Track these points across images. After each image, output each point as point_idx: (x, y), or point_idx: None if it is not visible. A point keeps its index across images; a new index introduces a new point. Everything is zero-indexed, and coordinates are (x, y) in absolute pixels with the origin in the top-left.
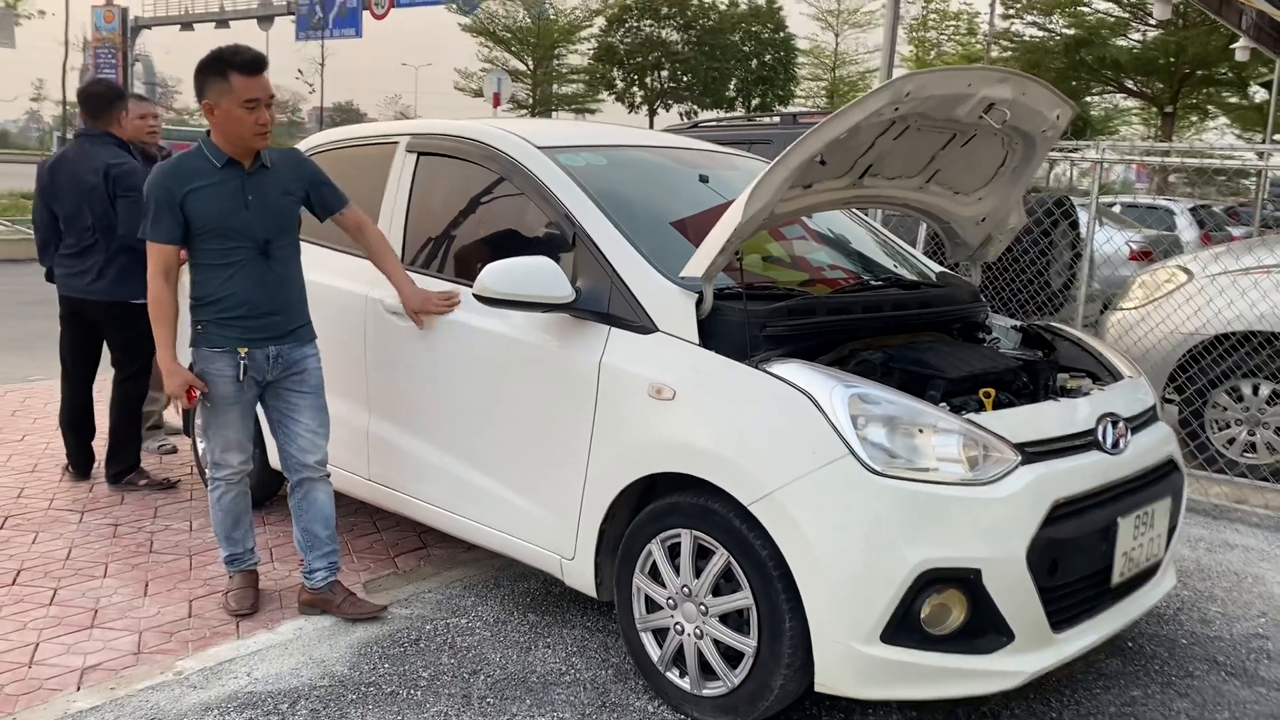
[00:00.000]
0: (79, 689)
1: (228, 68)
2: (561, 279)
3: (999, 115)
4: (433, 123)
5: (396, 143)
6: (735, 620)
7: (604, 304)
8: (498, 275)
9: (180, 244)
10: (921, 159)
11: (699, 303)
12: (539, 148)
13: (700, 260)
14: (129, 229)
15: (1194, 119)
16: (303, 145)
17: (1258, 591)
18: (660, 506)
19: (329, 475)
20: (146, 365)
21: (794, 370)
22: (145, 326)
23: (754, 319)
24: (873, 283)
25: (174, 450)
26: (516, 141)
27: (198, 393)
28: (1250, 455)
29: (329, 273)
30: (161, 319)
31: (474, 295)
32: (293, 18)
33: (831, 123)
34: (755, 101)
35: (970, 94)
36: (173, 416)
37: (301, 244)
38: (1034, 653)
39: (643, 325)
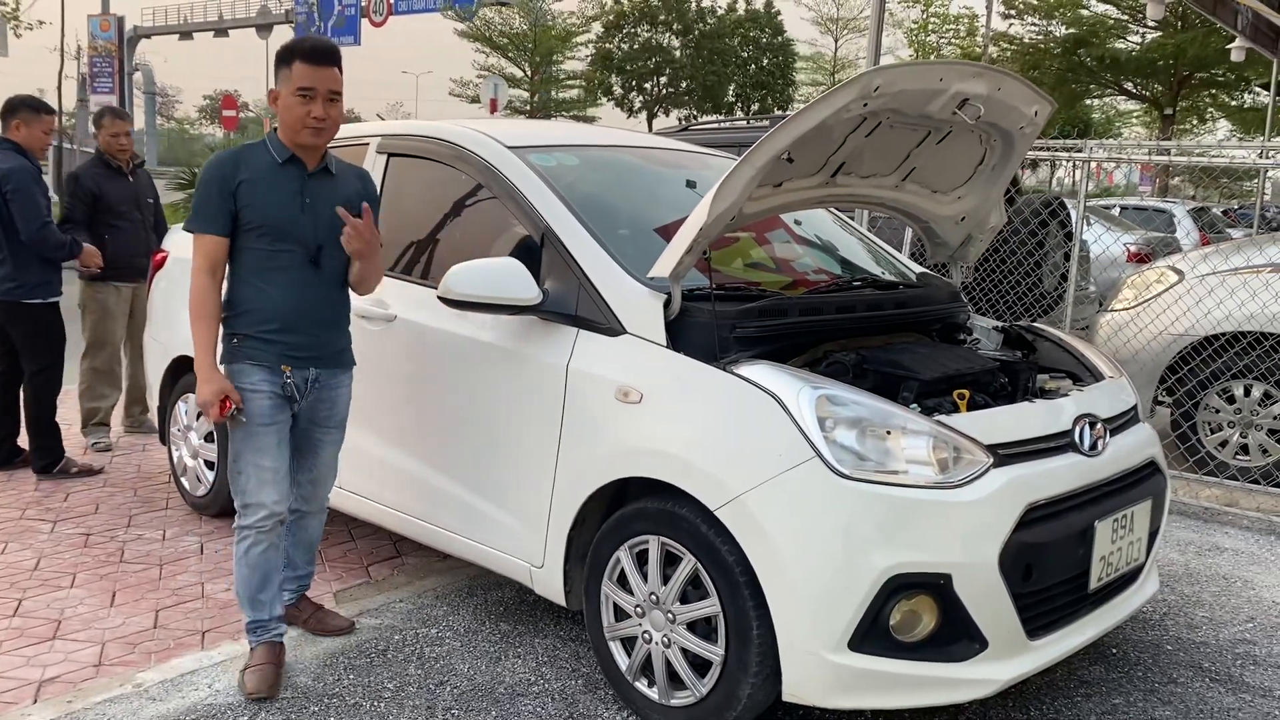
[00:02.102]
0: (35, 702)
1: (293, 54)
2: (528, 280)
3: (973, 111)
4: (403, 124)
5: (367, 144)
6: (703, 628)
7: (572, 306)
8: (462, 277)
9: (229, 236)
10: (896, 157)
11: (667, 304)
12: (509, 147)
13: (667, 260)
14: (25, 229)
15: (1194, 121)
16: None
17: (1246, 596)
18: (628, 512)
19: (327, 507)
20: (56, 361)
21: (761, 372)
22: (44, 324)
23: (723, 320)
24: (851, 283)
25: (109, 448)
26: (486, 141)
27: (232, 406)
28: (1243, 458)
29: None
30: (202, 318)
31: (438, 298)
32: (291, 26)
33: (798, 119)
34: (755, 106)
35: (942, 89)
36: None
37: None
38: (1009, 660)
39: (610, 327)
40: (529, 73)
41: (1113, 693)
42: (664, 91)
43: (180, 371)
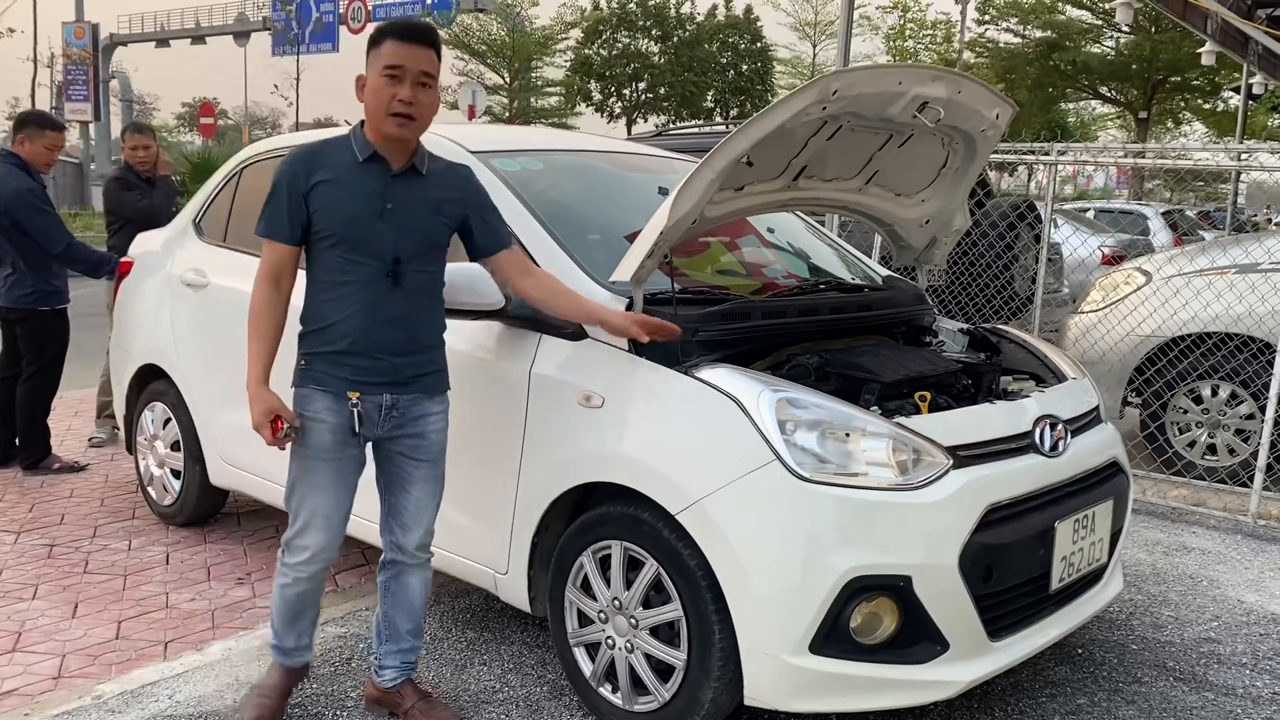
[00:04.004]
0: None
1: (384, 34)
2: (491, 285)
3: (933, 114)
4: None
5: None
6: (666, 633)
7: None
8: None
9: (299, 244)
10: (859, 160)
11: (629, 308)
12: (472, 152)
13: (628, 264)
14: (52, 251)
15: (1169, 125)
16: (239, 155)
17: (1212, 595)
18: (591, 517)
19: (430, 559)
20: (55, 364)
21: (722, 375)
22: (52, 329)
23: (685, 324)
24: (816, 286)
25: (101, 444)
26: (449, 146)
27: (285, 426)
28: (1210, 458)
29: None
30: (259, 330)
31: None
32: (269, 34)
33: (756, 123)
34: (734, 112)
35: (902, 92)
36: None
37: (225, 250)
38: (970, 662)
39: (573, 331)
40: (508, 79)
41: (1077, 693)
42: (643, 97)
43: (146, 379)
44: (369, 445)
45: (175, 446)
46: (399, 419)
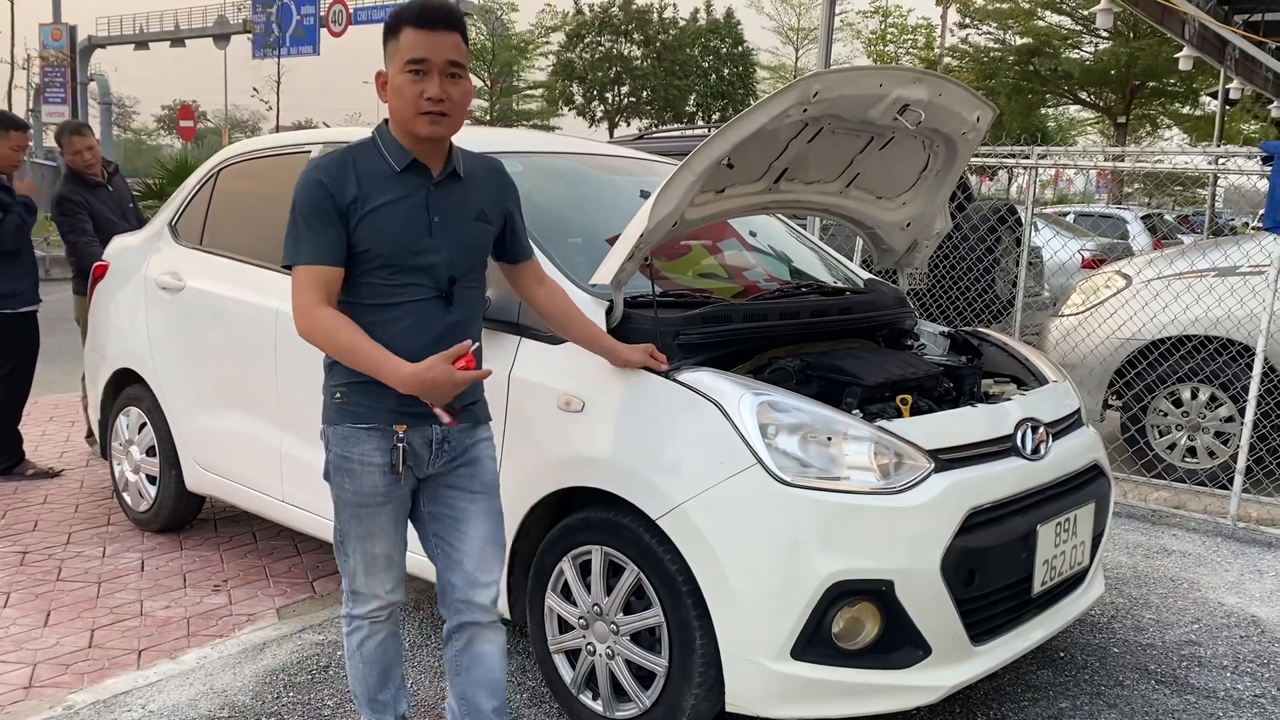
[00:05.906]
0: None
1: (400, 21)
2: None
3: (913, 116)
4: (346, 130)
5: (309, 151)
6: (647, 639)
7: (514, 314)
8: None
9: (342, 264)
10: (840, 163)
11: (609, 311)
12: None
13: (608, 267)
14: None
15: (1147, 130)
16: (215, 157)
17: (1193, 597)
18: (571, 522)
19: (500, 619)
20: (20, 369)
21: (703, 378)
22: (19, 334)
23: (666, 327)
24: (798, 289)
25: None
26: None
27: (471, 360)
28: (1190, 460)
29: (234, 285)
30: (350, 340)
31: None
32: (249, 36)
33: (737, 125)
34: (715, 116)
35: (882, 94)
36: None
37: (201, 254)
38: (953, 666)
39: (553, 335)
40: (488, 82)
41: (1059, 697)
42: (625, 101)
43: (121, 384)
44: (418, 486)
45: (151, 452)
46: (451, 452)
